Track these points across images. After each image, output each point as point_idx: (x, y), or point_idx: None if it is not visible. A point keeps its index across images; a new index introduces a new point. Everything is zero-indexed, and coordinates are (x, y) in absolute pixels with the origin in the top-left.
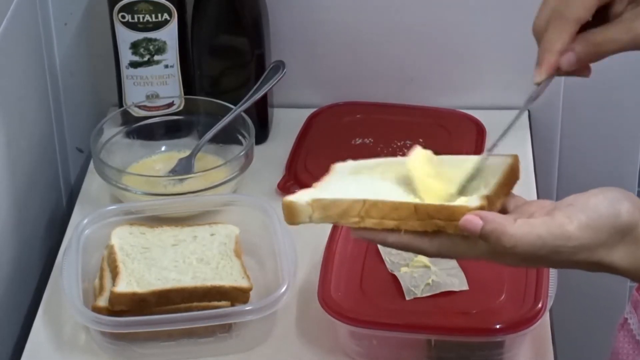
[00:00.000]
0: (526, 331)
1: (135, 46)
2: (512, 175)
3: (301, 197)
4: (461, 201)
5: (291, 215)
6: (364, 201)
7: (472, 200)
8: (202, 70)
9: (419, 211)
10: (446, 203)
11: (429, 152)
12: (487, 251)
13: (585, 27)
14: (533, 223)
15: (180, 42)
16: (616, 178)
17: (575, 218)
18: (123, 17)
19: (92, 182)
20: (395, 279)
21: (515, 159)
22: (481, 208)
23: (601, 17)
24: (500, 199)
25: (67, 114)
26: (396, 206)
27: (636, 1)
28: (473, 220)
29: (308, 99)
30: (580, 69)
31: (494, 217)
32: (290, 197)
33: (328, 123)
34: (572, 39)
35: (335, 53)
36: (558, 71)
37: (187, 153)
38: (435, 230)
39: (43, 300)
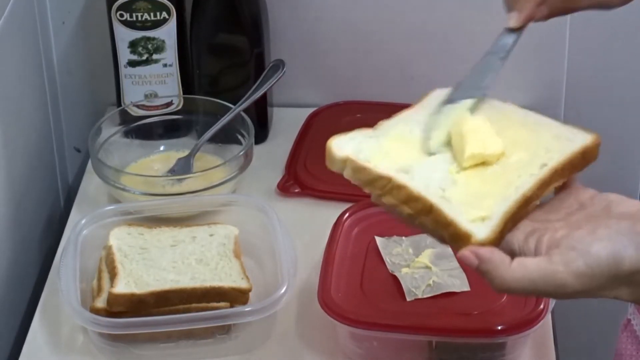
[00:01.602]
0: (528, 332)
1: (133, 45)
2: (580, 160)
3: (344, 145)
4: (475, 220)
5: (329, 160)
6: (390, 179)
7: (482, 228)
8: (201, 69)
9: (433, 213)
10: (455, 220)
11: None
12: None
13: None
14: (528, 267)
15: (179, 41)
16: (618, 178)
17: (572, 265)
18: (121, 15)
19: (90, 182)
20: (396, 279)
21: (594, 144)
22: (483, 243)
23: None
24: (552, 185)
25: (64, 113)
26: (416, 198)
27: None
28: (469, 258)
29: (308, 98)
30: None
31: (489, 258)
32: (335, 141)
33: (328, 122)
34: None
35: (335, 52)
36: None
37: (185, 153)
38: (441, 239)
39: (40, 301)
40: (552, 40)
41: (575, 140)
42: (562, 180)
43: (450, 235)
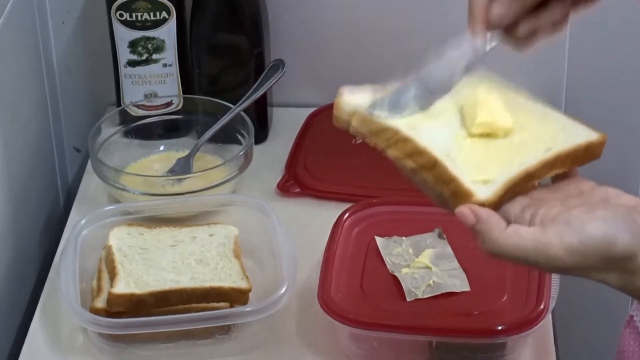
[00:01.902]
0: (528, 332)
1: (133, 45)
2: (584, 154)
3: (352, 99)
4: (478, 181)
5: (337, 112)
6: (396, 132)
7: (483, 189)
8: (201, 69)
9: (436, 168)
10: (458, 177)
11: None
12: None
13: None
14: (522, 234)
15: (178, 40)
16: (619, 177)
17: (566, 239)
18: (121, 15)
19: (90, 182)
20: (396, 280)
21: (600, 141)
22: (483, 203)
23: None
24: (553, 169)
25: (64, 113)
26: (420, 152)
27: None
28: (467, 215)
29: (308, 98)
30: (519, 38)
31: (487, 218)
32: (345, 95)
33: (328, 122)
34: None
35: (335, 51)
36: (493, 29)
37: (185, 153)
38: (442, 195)
39: (40, 302)
40: (552, 39)
41: (582, 134)
42: (563, 169)
43: (451, 192)
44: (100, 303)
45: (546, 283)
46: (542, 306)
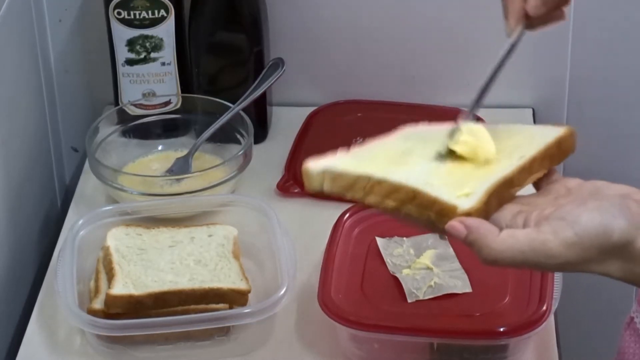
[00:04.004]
0: (530, 334)
1: (131, 43)
2: (556, 151)
3: (318, 164)
4: (460, 196)
5: (307, 181)
6: (369, 178)
7: (466, 201)
8: (200, 67)
9: (417, 198)
10: (439, 197)
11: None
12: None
13: None
14: (517, 237)
15: (177, 39)
16: (622, 177)
17: (561, 234)
18: (119, 13)
19: (88, 182)
20: (397, 281)
21: (568, 134)
22: (469, 213)
23: None
24: (532, 175)
25: (61, 112)
26: (397, 188)
27: None
28: (458, 228)
29: (308, 97)
30: (553, 16)
31: (478, 227)
32: (310, 163)
33: (328, 122)
34: None
35: (335, 50)
36: (531, 23)
37: (184, 152)
38: (429, 220)
39: (37, 303)
40: (554, 38)
41: (550, 133)
42: (542, 171)
43: (437, 213)
44: (98, 304)
45: (548, 284)
46: (544, 307)
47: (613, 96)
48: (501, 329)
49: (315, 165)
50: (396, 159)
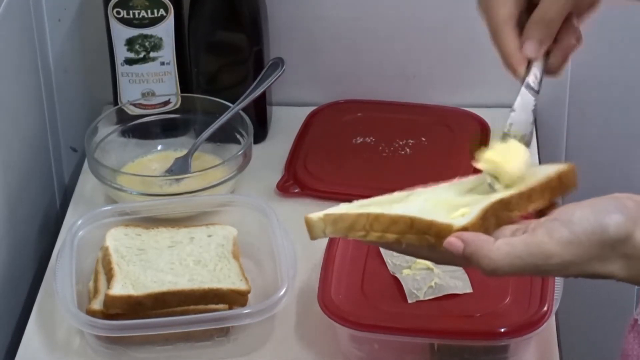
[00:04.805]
0: (531, 335)
1: (130, 43)
2: (557, 184)
3: (318, 214)
4: (456, 215)
5: (309, 230)
6: (367, 215)
7: (462, 220)
8: (199, 67)
9: (415, 226)
10: (434, 219)
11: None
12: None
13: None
14: (513, 243)
15: (176, 38)
16: (624, 178)
17: (556, 234)
18: (118, 12)
19: (87, 182)
20: (397, 281)
21: (569, 170)
22: (466, 228)
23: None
24: (532, 203)
25: (60, 112)
26: (395, 220)
27: None
28: (455, 243)
29: (308, 96)
30: (563, 45)
31: (473, 239)
32: (311, 215)
33: (328, 121)
34: (518, 32)
35: (335, 50)
36: (548, 66)
37: (183, 152)
38: (429, 245)
39: (36, 303)
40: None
41: (552, 168)
42: (542, 202)
43: (435, 235)
44: (97, 305)
45: (550, 284)
46: (545, 308)
47: (614, 96)
48: (502, 330)
49: (315, 215)
50: (398, 199)
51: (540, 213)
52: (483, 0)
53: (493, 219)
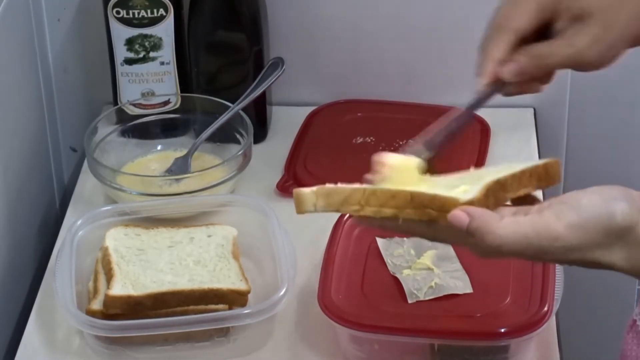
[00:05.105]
0: (532, 335)
1: (130, 42)
2: (543, 173)
3: (307, 189)
4: (458, 192)
5: (298, 204)
6: (364, 189)
7: (465, 193)
8: (199, 67)
9: (415, 200)
10: (439, 193)
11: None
12: (477, 245)
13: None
14: (520, 221)
15: (176, 38)
16: (624, 178)
17: (564, 217)
18: (118, 12)
19: (86, 182)
20: (397, 281)
21: (554, 162)
22: (472, 202)
23: (544, 34)
24: (522, 187)
25: (60, 112)
26: (393, 194)
27: (578, 19)
28: (460, 216)
29: (308, 96)
30: (529, 85)
31: (481, 214)
32: (299, 190)
33: (328, 121)
34: (513, 48)
35: (335, 50)
36: (501, 85)
37: (183, 152)
38: (430, 219)
39: (36, 304)
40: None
41: (536, 161)
42: (530, 188)
43: (437, 209)
44: (96, 305)
45: (550, 285)
46: (545, 308)
47: (614, 96)
48: (502, 330)
49: (303, 190)
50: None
51: (520, 202)
52: (509, 1)
53: (492, 198)
